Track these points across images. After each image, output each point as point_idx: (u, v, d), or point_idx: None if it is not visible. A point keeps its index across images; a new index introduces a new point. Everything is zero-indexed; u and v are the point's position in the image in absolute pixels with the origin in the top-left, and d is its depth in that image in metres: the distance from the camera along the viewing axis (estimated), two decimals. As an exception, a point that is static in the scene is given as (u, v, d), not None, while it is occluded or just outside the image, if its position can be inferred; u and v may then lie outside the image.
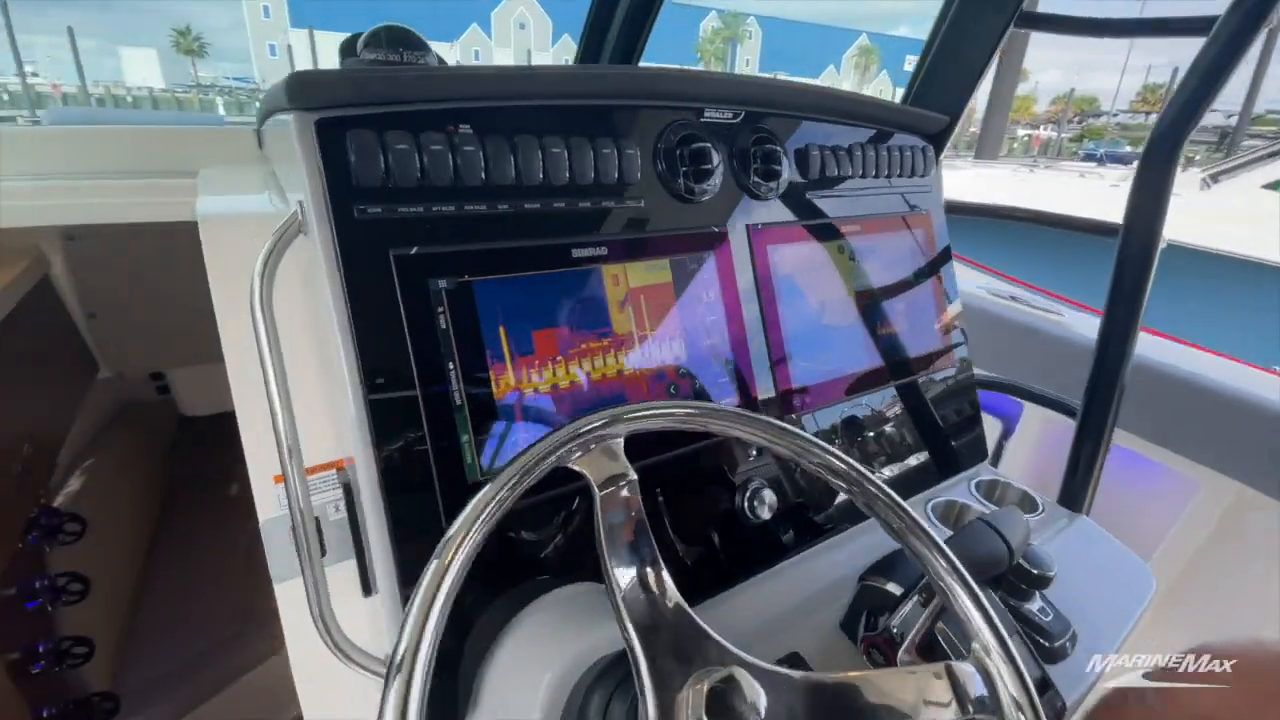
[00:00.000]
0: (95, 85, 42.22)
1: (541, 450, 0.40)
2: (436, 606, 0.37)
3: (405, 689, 0.34)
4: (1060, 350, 1.49)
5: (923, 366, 0.99)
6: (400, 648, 0.36)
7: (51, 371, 1.56)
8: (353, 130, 0.56)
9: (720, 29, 60.06)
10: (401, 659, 0.35)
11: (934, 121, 1.03)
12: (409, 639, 0.36)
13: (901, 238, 1.00)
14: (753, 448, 0.79)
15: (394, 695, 0.34)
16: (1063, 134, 41.60)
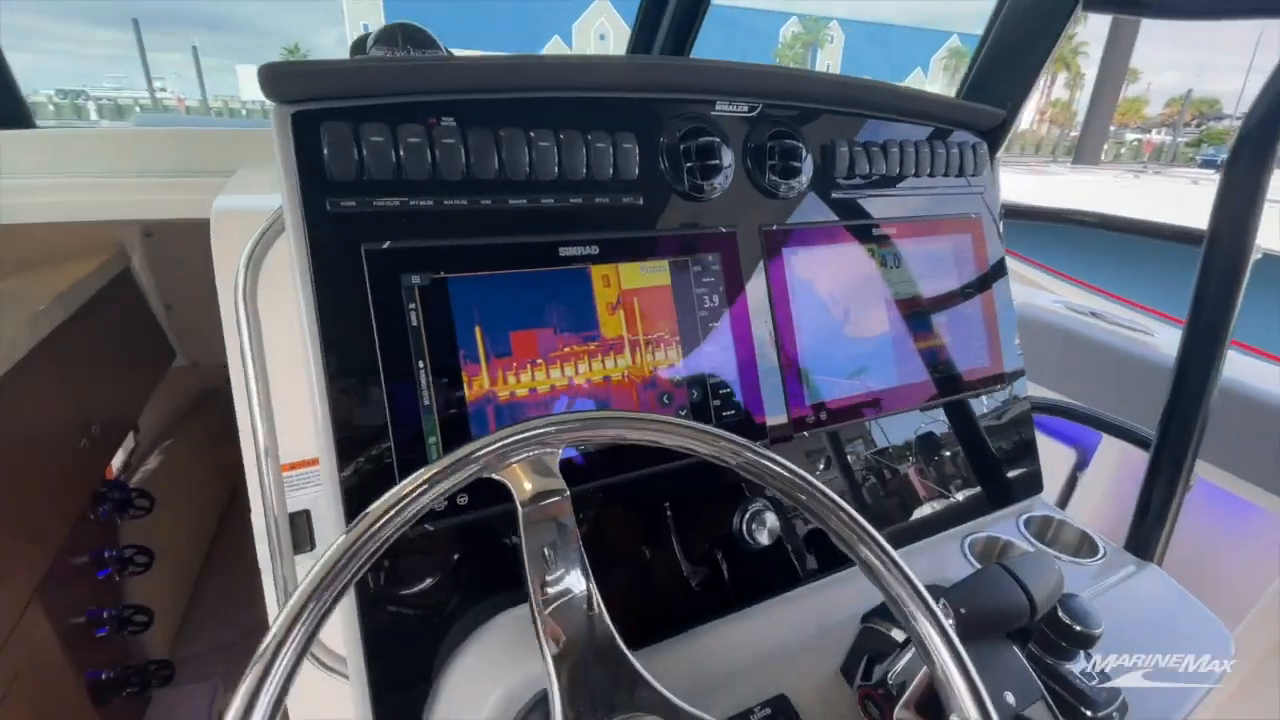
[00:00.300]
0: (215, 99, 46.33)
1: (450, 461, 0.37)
2: (307, 619, 0.33)
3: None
4: (1147, 374, 1.32)
5: (966, 386, 0.90)
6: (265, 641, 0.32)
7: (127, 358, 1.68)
8: (327, 123, 0.55)
9: (800, 34, 59.01)
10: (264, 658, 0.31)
11: (987, 115, 0.93)
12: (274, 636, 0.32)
13: (945, 242, 0.91)
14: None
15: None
16: (1178, 138, 38.08)
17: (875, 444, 0.83)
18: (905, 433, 0.85)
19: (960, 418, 0.90)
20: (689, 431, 0.43)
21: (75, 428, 1.33)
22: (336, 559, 0.33)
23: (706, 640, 0.68)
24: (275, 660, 0.30)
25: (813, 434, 0.77)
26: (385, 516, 0.34)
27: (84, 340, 1.39)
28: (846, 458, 0.80)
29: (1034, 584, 0.52)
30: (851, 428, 0.80)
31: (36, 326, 1.18)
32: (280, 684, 0.30)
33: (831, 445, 0.79)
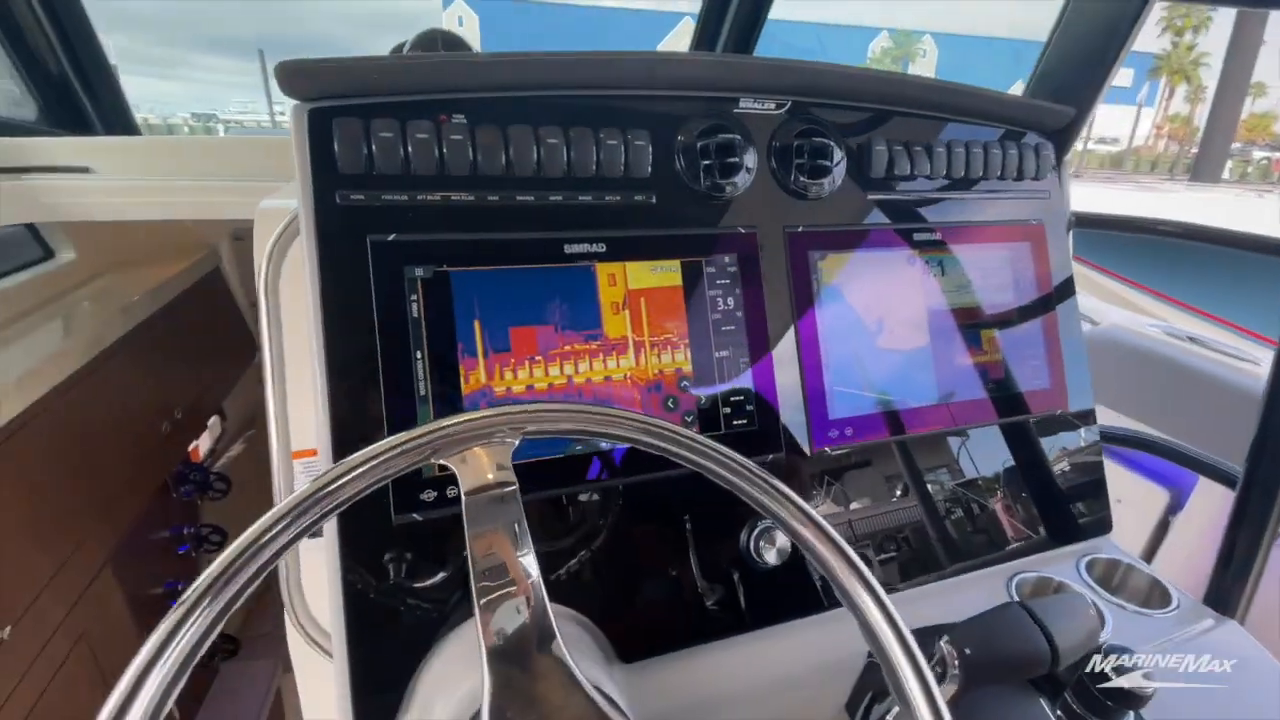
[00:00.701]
0: (329, 122, 50.28)
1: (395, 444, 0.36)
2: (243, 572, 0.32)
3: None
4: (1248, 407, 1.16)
5: (1018, 408, 0.82)
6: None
7: (212, 351, 1.82)
8: (340, 118, 0.57)
9: (890, 49, 57.40)
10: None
11: (1053, 114, 0.85)
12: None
13: (999, 250, 0.83)
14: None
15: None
16: (1317, 156, 34.01)
17: (910, 466, 0.77)
18: (946, 456, 0.78)
19: (1011, 443, 0.82)
20: (642, 426, 0.40)
21: (158, 413, 1.45)
22: (266, 525, 0.33)
23: (705, 661, 0.64)
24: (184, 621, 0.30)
25: (835, 450, 0.72)
26: (314, 496, 0.34)
27: (171, 333, 1.51)
28: (876, 478, 0.74)
29: (1058, 627, 0.46)
30: (882, 446, 0.75)
31: (127, 318, 1.30)
32: (192, 642, 0.30)
33: (858, 464, 0.74)
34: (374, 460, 0.35)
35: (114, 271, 1.47)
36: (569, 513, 0.62)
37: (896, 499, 0.75)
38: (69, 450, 1.13)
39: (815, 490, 0.71)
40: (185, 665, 0.30)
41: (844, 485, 0.73)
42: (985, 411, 0.80)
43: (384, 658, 0.55)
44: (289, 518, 0.33)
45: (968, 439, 0.79)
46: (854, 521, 0.72)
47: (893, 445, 0.75)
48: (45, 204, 1.09)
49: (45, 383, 1.04)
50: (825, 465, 0.72)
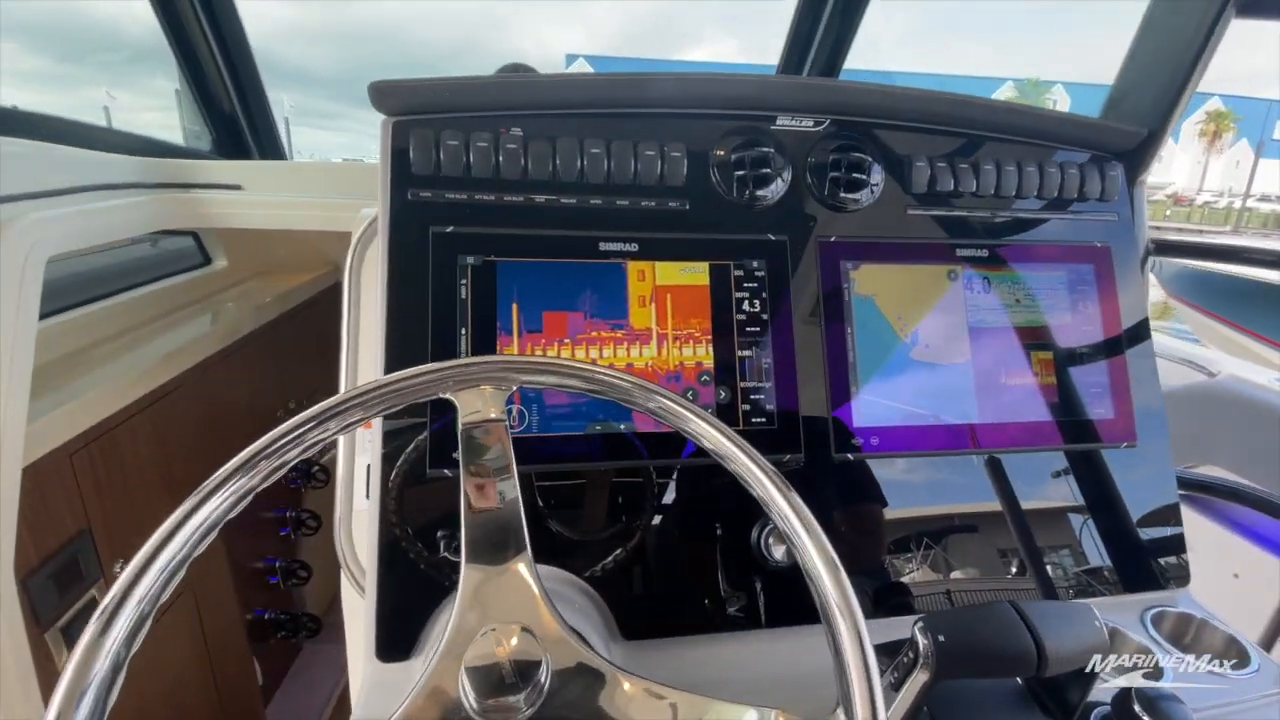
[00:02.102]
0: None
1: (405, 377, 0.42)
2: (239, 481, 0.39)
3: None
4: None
5: (1073, 437, 0.77)
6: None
7: (326, 353, 2.04)
8: (416, 129, 0.67)
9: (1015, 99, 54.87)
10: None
11: (1121, 135, 0.82)
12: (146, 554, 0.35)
13: (1056, 271, 0.80)
14: None
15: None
16: None
17: (943, 483, 0.74)
18: (983, 479, 0.75)
19: (1065, 472, 0.77)
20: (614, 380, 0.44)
21: (275, 401, 1.65)
22: (263, 445, 0.39)
23: (704, 650, 0.66)
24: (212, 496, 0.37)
25: (859, 458, 0.72)
26: (320, 414, 0.41)
27: (293, 335, 1.73)
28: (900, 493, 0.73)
29: (1051, 631, 0.43)
30: (911, 460, 0.73)
31: (257, 316, 1.52)
32: (164, 579, 0.36)
33: (885, 475, 0.73)
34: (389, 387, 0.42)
35: (256, 279, 1.72)
36: (588, 495, 0.67)
37: (923, 519, 0.73)
38: (201, 420, 1.33)
39: (832, 497, 0.71)
40: (214, 527, 0.36)
41: (865, 496, 0.72)
42: (1032, 435, 0.76)
43: (409, 596, 0.62)
44: (322, 415, 0.40)
45: (1011, 464, 0.76)
46: (872, 534, 0.71)
47: (923, 461, 0.74)
48: (203, 213, 1.32)
49: (187, 361, 1.24)
50: (848, 473, 0.72)
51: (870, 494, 0.72)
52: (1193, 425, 1.33)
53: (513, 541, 0.42)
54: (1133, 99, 0.86)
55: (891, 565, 0.71)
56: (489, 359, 0.44)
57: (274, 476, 0.39)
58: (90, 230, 1.02)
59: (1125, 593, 0.76)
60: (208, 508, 0.36)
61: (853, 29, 1.53)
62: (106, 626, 0.32)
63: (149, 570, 0.34)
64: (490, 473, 0.43)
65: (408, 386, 0.43)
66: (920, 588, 0.72)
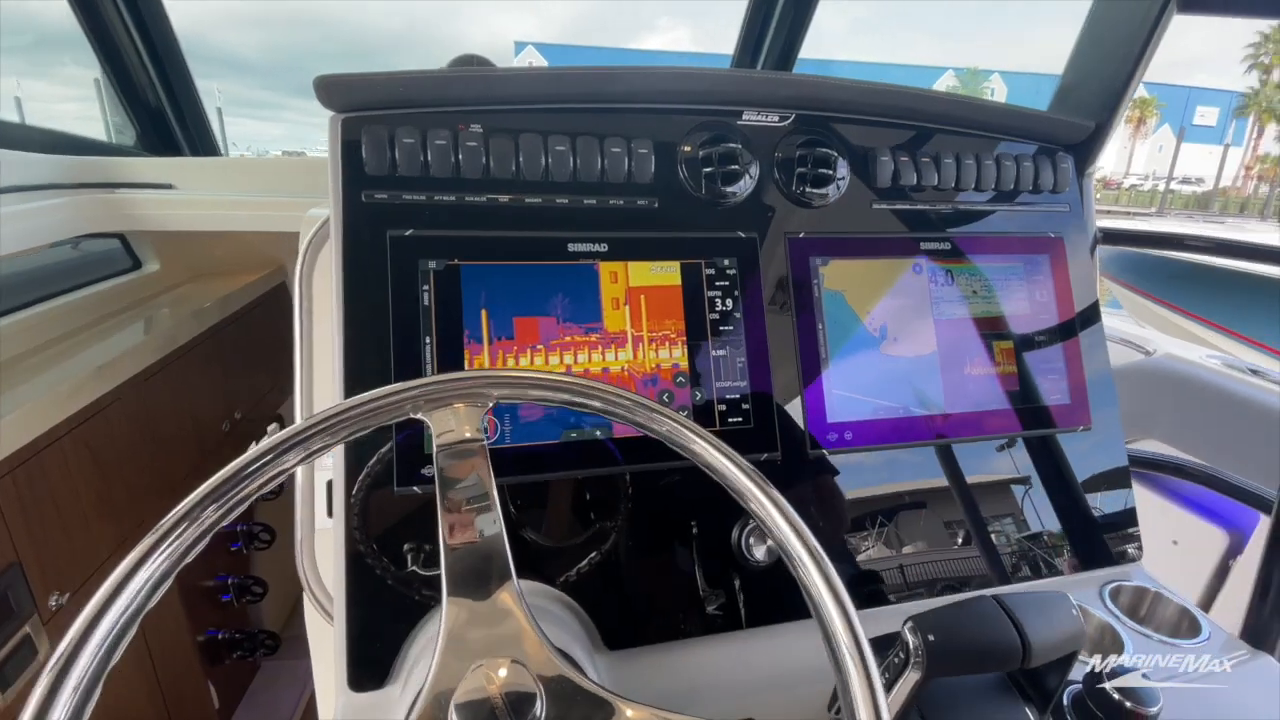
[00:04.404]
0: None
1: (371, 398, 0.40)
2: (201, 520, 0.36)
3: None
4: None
5: (1033, 423, 0.79)
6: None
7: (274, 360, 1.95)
8: (368, 126, 0.63)
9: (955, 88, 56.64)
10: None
11: (1070, 128, 0.84)
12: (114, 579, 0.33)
13: (1013, 262, 0.82)
14: None
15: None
16: None
17: (914, 475, 0.75)
18: (953, 467, 0.77)
19: (1026, 458, 0.79)
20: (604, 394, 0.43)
21: (220, 412, 1.57)
22: (242, 465, 0.37)
23: (688, 655, 0.65)
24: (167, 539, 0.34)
25: (834, 453, 0.72)
26: (284, 441, 0.38)
27: (237, 341, 1.64)
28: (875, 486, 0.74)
29: (1033, 623, 0.44)
30: (884, 453, 0.74)
31: (197, 322, 1.43)
32: (167, 565, 0.34)
33: (859, 469, 0.73)
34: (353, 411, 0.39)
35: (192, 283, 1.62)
36: (562, 500, 0.65)
37: (897, 510, 0.74)
38: (139, 437, 1.24)
39: (810, 493, 0.71)
40: (182, 559, 0.33)
41: (842, 490, 0.72)
42: (997, 423, 0.78)
43: (380, 621, 0.59)
44: (282, 446, 0.37)
45: (978, 451, 0.78)
46: (848, 527, 0.72)
47: (896, 453, 0.75)
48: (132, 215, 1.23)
49: (122, 374, 1.16)
50: (823, 468, 0.72)
51: (845, 488, 0.73)
52: (1132, 402, 1.40)
53: (496, 572, 0.40)
54: (1080, 93, 0.88)
55: (868, 556, 0.72)
56: (463, 375, 0.42)
57: (230, 516, 0.36)
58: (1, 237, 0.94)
59: (1084, 570, 0.79)
60: (153, 562, 0.33)
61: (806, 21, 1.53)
62: (48, 703, 0.28)
63: (91, 636, 0.30)
64: (469, 501, 0.41)
65: (375, 408, 0.41)
66: (893, 576, 0.73)
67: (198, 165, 1.48)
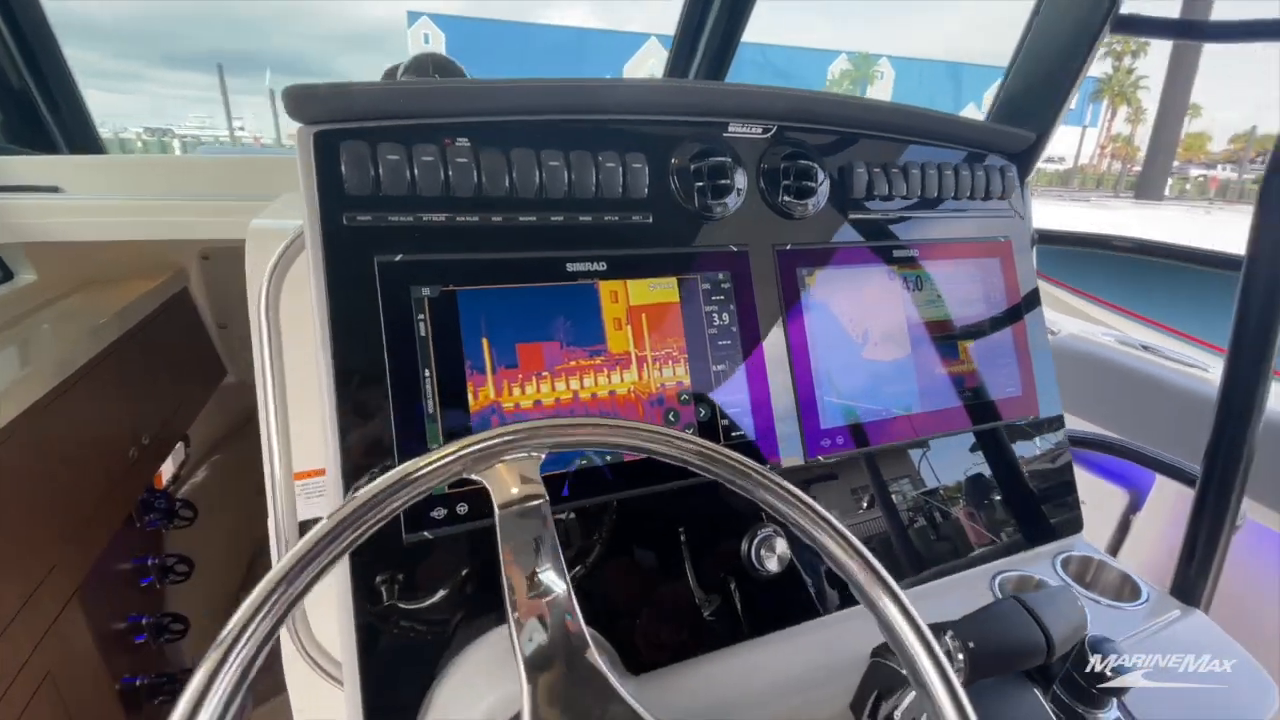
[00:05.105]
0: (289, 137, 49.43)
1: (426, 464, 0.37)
2: (274, 606, 0.33)
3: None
4: (1201, 411, 1.24)
5: (995, 415, 0.86)
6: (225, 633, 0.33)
7: (180, 373, 1.76)
8: (347, 141, 0.58)
9: (849, 71, 59.27)
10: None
11: (1016, 139, 0.91)
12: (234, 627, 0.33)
13: (973, 266, 0.88)
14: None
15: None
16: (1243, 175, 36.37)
17: (897, 473, 0.80)
18: (929, 463, 0.82)
19: (989, 449, 0.86)
20: (670, 440, 0.42)
21: (126, 438, 1.40)
22: (302, 553, 0.33)
23: (711, 670, 0.66)
24: (238, 643, 0.30)
25: (827, 459, 0.75)
26: (355, 514, 0.35)
27: (140, 356, 1.47)
28: (866, 484, 0.77)
29: (1052, 620, 0.49)
30: (870, 454, 0.78)
31: (95, 340, 1.26)
32: (240, 669, 0.30)
33: (849, 472, 0.77)
34: (415, 473, 0.36)
35: (78, 293, 1.43)
36: (573, 527, 0.63)
37: (885, 505, 0.78)
38: (36, 479, 1.09)
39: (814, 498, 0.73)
40: (246, 673, 0.30)
41: (837, 493, 0.75)
42: (964, 419, 0.84)
43: (398, 678, 0.55)
44: (336, 532, 0.34)
45: (950, 447, 0.83)
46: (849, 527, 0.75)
47: (880, 453, 0.78)
48: (10, 224, 1.06)
49: (13, 407, 1.00)
50: (818, 474, 0.75)
51: (840, 490, 0.76)
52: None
53: (575, 640, 0.38)
54: (1020, 106, 0.95)
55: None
56: (520, 428, 0.39)
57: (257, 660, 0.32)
58: None
59: (1040, 544, 0.87)
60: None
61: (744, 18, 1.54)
62: None
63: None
64: (537, 565, 0.39)
65: (424, 474, 0.37)
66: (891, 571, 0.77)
67: (85, 165, 1.30)
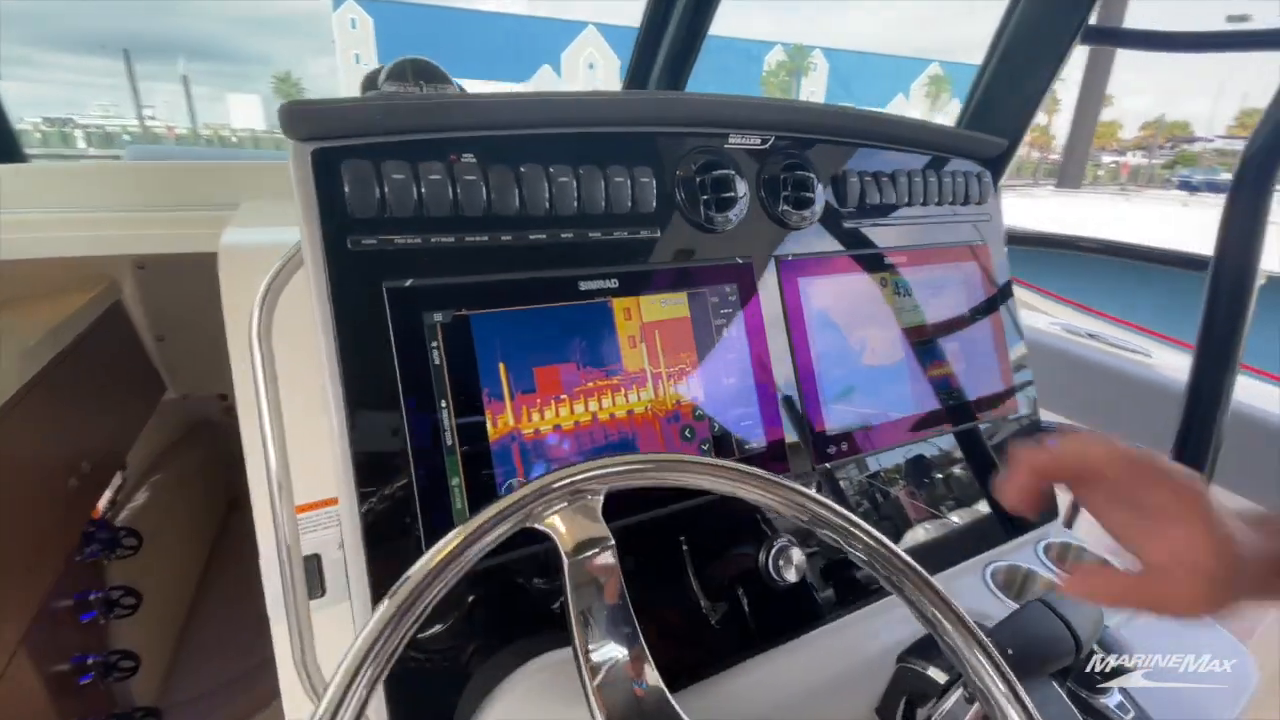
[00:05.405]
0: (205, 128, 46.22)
1: (493, 514, 0.35)
2: (356, 691, 0.31)
3: None
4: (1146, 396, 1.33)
5: (981, 411, 0.90)
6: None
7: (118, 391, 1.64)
8: (348, 161, 0.54)
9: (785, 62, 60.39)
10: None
11: (990, 145, 0.94)
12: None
13: (955, 270, 0.91)
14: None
15: None
16: (1153, 160, 39.21)
17: (894, 474, 0.82)
18: (922, 463, 0.85)
19: (978, 445, 0.89)
20: (737, 475, 0.42)
21: (66, 467, 1.29)
22: (378, 629, 0.31)
23: (737, 683, 0.66)
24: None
25: (834, 465, 0.76)
26: (425, 579, 0.33)
27: (75, 376, 1.36)
28: (867, 488, 0.79)
29: (1077, 620, 0.51)
30: (871, 458, 0.80)
31: (27, 364, 1.15)
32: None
33: (850, 476, 0.78)
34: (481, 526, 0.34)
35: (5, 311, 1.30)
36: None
37: (886, 505, 0.80)
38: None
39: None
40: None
41: (843, 498, 0.77)
42: (954, 418, 0.87)
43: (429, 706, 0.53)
44: (398, 612, 0.32)
45: (940, 445, 0.86)
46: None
47: (877, 456, 0.80)
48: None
49: None
50: (825, 479, 0.76)
51: (844, 494, 0.77)
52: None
53: (652, 697, 0.37)
54: (992, 114, 0.98)
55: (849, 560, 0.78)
56: (597, 466, 0.38)
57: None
58: None
59: (1023, 533, 0.92)
60: None
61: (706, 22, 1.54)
62: None
63: None
64: (610, 613, 0.38)
65: (492, 521, 0.36)
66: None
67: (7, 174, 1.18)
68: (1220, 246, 0.76)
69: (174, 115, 52.47)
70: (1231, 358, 0.75)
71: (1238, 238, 0.74)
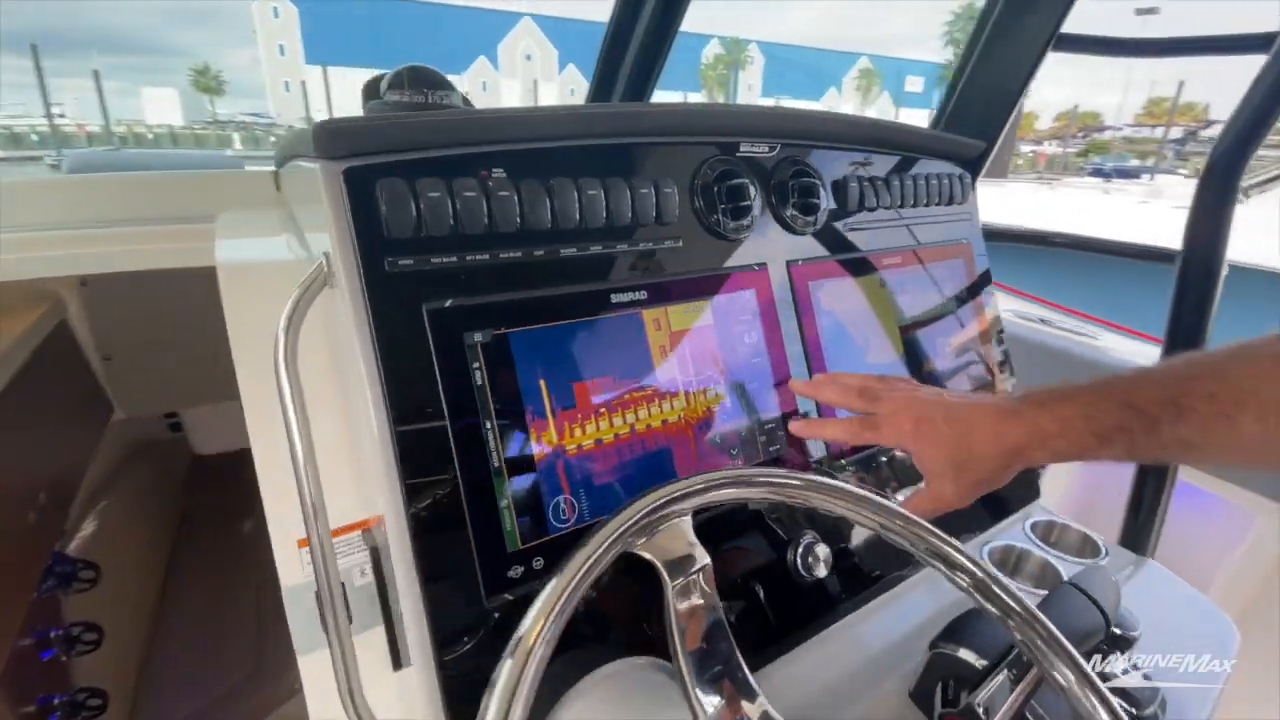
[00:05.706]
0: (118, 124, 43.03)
1: (604, 538, 0.36)
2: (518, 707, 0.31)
3: None
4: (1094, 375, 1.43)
5: (971, 402, 0.94)
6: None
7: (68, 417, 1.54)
8: (384, 180, 0.53)
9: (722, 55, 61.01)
10: None
11: (970, 148, 0.99)
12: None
13: (943, 268, 0.96)
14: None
15: None
16: (1068, 149, 41.66)
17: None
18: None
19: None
20: (829, 491, 0.43)
21: (22, 500, 1.20)
22: (510, 682, 0.31)
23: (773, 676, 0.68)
24: None
25: (845, 461, 0.79)
26: (542, 623, 0.33)
27: (26, 404, 1.26)
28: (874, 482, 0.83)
29: (1104, 599, 0.55)
30: (879, 452, 0.83)
31: (-22, 393, 1.07)
32: None
33: (858, 473, 0.81)
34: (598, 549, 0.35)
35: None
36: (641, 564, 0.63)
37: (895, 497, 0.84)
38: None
39: None
40: None
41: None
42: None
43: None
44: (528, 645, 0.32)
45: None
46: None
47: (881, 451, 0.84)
48: None
49: None
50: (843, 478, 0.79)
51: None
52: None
53: (746, 696, 0.38)
54: (969, 118, 1.03)
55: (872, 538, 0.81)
56: (708, 480, 0.38)
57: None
58: None
59: (1011, 514, 0.98)
60: None
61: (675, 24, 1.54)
62: None
63: None
64: (708, 624, 0.39)
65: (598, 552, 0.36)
66: (886, 548, 0.83)
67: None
68: (1188, 240, 0.82)
69: (86, 112, 48.62)
70: (1199, 348, 0.82)
71: (1204, 231, 0.81)
